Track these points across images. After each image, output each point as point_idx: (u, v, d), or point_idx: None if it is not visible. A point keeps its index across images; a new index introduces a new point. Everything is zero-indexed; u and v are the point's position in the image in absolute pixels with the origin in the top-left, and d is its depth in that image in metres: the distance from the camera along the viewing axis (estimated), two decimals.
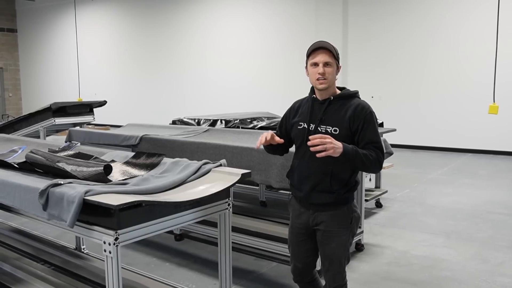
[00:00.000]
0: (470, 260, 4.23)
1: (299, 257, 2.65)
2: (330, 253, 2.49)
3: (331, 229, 2.46)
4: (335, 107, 2.45)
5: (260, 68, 13.30)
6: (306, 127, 2.49)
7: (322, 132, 2.43)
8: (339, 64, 2.47)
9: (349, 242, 2.54)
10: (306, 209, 2.53)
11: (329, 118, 2.44)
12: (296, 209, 2.60)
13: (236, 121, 6.00)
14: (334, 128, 2.42)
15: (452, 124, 10.47)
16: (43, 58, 19.13)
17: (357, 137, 2.41)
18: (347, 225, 2.48)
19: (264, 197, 5.92)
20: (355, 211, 2.53)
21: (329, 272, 2.54)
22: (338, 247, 2.48)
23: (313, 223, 2.52)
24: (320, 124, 2.45)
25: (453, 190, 6.94)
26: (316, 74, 2.40)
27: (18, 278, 3.34)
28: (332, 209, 2.46)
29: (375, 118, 2.44)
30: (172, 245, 4.64)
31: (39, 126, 6.96)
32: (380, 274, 3.92)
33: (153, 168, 2.89)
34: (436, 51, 10.52)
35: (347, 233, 2.50)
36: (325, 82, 2.41)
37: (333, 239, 2.47)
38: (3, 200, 2.59)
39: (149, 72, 15.81)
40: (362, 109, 2.42)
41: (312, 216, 2.51)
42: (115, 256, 2.16)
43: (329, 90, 2.46)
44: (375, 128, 2.41)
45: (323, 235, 2.49)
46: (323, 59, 2.39)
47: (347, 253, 2.54)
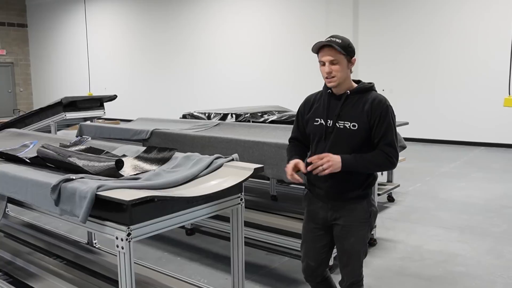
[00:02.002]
0: (485, 255, 4.17)
1: (313, 255, 2.60)
2: (349, 248, 2.46)
3: (351, 223, 2.43)
4: (353, 102, 2.39)
5: (270, 62, 13.23)
6: (324, 123, 2.43)
7: (340, 127, 2.38)
8: (353, 57, 2.38)
9: (367, 237, 2.52)
10: (325, 204, 2.49)
11: (347, 113, 2.39)
12: (312, 204, 2.56)
13: (246, 115, 5.97)
14: (353, 124, 2.36)
15: (465, 117, 10.35)
16: (53, 53, 19.22)
17: (373, 132, 2.36)
18: (366, 219, 2.45)
19: (275, 191, 5.89)
20: (373, 205, 2.50)
21: (348, 267, 2.50)
22: (357, 241, 2.45)
23: (331, 218, 2.48)
24: (338, 120, 2.39)
25: (466, 184, 6.86)
26: (324, 72, 2.36)
27: (31, 272, 3.35)
28: (351, 203, 2.43)
29: (391, 112, 2.37)
30: (184, 239, 4.64)
31: (50, 121, 6.99)
32: (393, 269, 3.88)
33: (165, 162, 2.87)
34: (449, 43, 10.38)
35: (366, 227, 2.46)
36: (333, 80, 2.36)
37: (352, 234, 2.44)
38: (15, 195, 2.58)
39: (159, 66, 15.81)
40: (379, 103, 2.36)
41: (330, 211, 2.47)
42: (127, 252, 2.15)
43: (343, 85, 2.40)
44: (389, 123, 2.35)
45: (341, 229, 2.46)
46: (327, 58, 2.33)
47: (365, 247, 2.52)
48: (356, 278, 2.51)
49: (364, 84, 2.45)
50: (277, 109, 6.47)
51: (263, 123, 5.60)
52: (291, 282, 3.64)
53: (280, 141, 3.77)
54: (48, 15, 19.16)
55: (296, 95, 12.58)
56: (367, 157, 2.33)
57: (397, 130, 4.75)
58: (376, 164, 2.34)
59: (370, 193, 2.48)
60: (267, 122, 5.62)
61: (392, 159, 2.34)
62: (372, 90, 2.44)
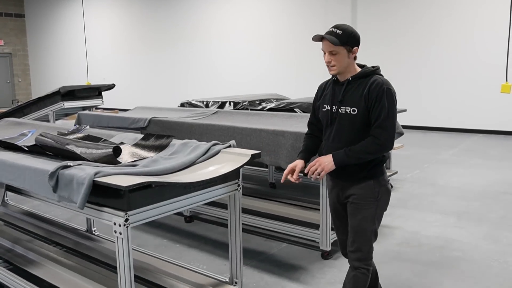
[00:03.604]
0: (482, 240, 4.20)
1: (341, 229, 2.71)
2: (356, 225, 2.51)
3: (358, 201, 2.50)
4: (354, 87, 2.45)
5: (269, 50, 13.19)
6: (329, 109, 2.53)
7: (342, 113, 2.46)
8: (354, 46, 2.42)
9: (377, 217, 2.53)
10: (337, 185, 2.60)
11: (348, 99, 2.45)
12: (329, 185, 2.68)
13: (244, 103, 5.97)
14: (353, 109, 2.42)
15: (463, 104, 10.35)
16: (51, 43, 19.14)
17: (370, 115, 2.40)
18: (374, 199, 2.49)
19: (273, 179, 5.91)
20: (384, 185, 2.52)
21: (354, 245, 2.53)
22: (364, 219, 2.49)
23: (343, 197, 2.58)
24: (340, 106, 2.47)
25: (464, 170, 6.88)
26: (326, 61, 2.45)
27: (31, 259, 3.38)
28: (359, 183, 2.49)
29: (388, 95, 2.37)
30: (182, 227, 4.67)
31: (48, 110, 6.99)
32: (390, 254, 3.91)
33: (162, 149, 2.89)
34: (448, 30, 10.35)
35: (373, 206, 2.50)
36: (333, 69, 2.44)
37: (359, 212, 2.50)
38: (13, 182, 2.60)
39: (157, 55, 15.76)
40: (376, 86, 2.38)
41: (341, 190, 2.58)
42: (125, 237, 2.16)
43: (347, 72, 2.47)
44: (383, 105, 2.35)
45: (350, 207, 2.54)
46: (326, 48, 2.42)
47: (374, 227, 2.53)
48: (361, 256, 2.52)
49: (367, 68, 2.49)
50: (275, 97, 6.47)
51: (261, 110, 5.60)
52: (289, 268, 3.67)
53: (278, 128, 3.78)
54: (45, 5, 19.05)
55: (294, 83, 12.60)
56: (357, 148, 2.38)
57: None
58: (367, 152, 2.38)
59: (378, 174, 2.51)
60: (265, 109, 5.62)
61: (380, 141, 2.35)
62: (374, 73, 2.47)
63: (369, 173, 2.48)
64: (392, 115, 2.38)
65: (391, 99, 2.39)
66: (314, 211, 4.30)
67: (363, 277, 2.52)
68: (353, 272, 2.54)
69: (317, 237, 3.81)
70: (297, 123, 4.24)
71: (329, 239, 3.75)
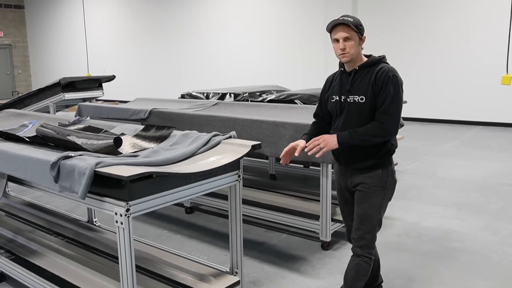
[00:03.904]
0: (481, 231, 4.22)
1: (348, 216, 2.75)
2: (362, 212, 2.55)
3: (366, 190, 2.54)
4: (361, 76, 2.50)
5: (269, 42, 13.15)
6: (338, 99, 2.58)
7: (351, 102, 2.50)
8: (363, 34, 2.50)
9: (383, 206, 2.58)
10: (346, 173, 2.63)
11: (356, 88, 2.50)
12: (337, 172, 2.71)
13: (245, 94, 5.97)
14: (361, 97, 2.48)
15: (463, 96, 10.34)
16: (51, 34, 19.09)
17: (377, 102, 2.44)
18: (382, 188, 2.53)
19: (273, 170, 5.93)
20: (391, 175, 2.57)
21: (358, 231, 2.56)
22: (371, 207, 2.53)
23: (351, 185, 2.62)
24: (349, 95, 2.52)
25: (464, 162, 6.89)
26: (338, 49, 2.47)
27: (32, 250, 3.40)
28: (367, 172, 2.53)
29: (393, 82, 2.42)
30: (183, 218, 4.69)
31: (49, 101, 6.99)
32: (390, 245, 3.93)
33: (163, 140, 2.89)
34: (448, 21, 10.31)
35: (381, 195, 2.54)
36: (347, 56, 2.47)
37: (366, 200, 2.54)
38: (15, 173, 2.61)
39: (157, 46, 15.72)
40: (382, 73, 2.44)
41: (350, 178, 2.61)
42: (126, 227, 2.18)
43: (355, 61, 2.51)
44: (389, 92, 2.40)
45: (358, 195, 2.58)
46: (342, 35, 2.44)
47: (380, 216, 2.58)
48: (364, 244, 2.55)
49: (373, 57, 2.54)
50: (276, 89, 6.47)
51: (262, 102, 5.60)
52: (289, 258, 3.70)
53: (278, 120, 3.78)
54: None
55: (294, 75, 12.57)
56: (361, 130, 2.42)
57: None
58: (370, 135, 2.41)
59: (386, 163, 2.55)
60: (266, 101, 5.62)
61: (384, 125, 2.40)
62: (381, 62, 2.51)
63: (378, 162, 2.52)
64: (397, 101, 2.42)
65: (397, 86, 2.43)
66: (314, 202, 4.31)
67: (365, 265, 2.56)
68: (355, 261, 2.58)
69: (317, 228, 3.83)
70: (298, 114, 4.24)
71: (329, 230, 3.77)
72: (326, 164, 3.64)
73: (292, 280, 3.32)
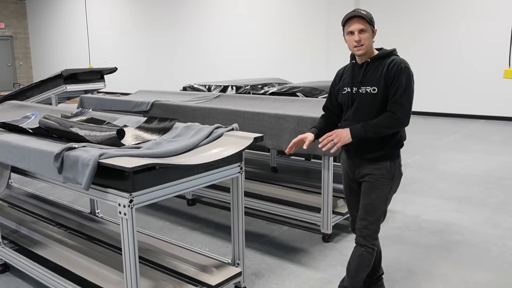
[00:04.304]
0: (481, 224, 4.24)
1: (354, 206, 2.77)
2: (368, 203, 2.58)
3: (374, 181, 2.57)
4: (373, 68, 2.53)
5: (271, 34, 13.12)
6: (350, 90, 2.60)
7: (362, 93, 2.53)
8: (375, 28, 2.55)
9: (389, 198, 2.61)
10: (354, 162, 2.65)
11: (368, 79, 2.53)
12: (345, 162, 2.73)
13: (247, 87, 5.97)
14: (373, 88, 2.51)
15: (465, 90, 10.33)
16: (52, 26, 19.05)
17: (389, 93, 2.47)
18: (389, 179, 2.57)
19: (275, 163, 5.94)
20: (399, 168, 2.61)
21: (363, 222, 2.59)
22: (377, 198, 2.56)
23: (359, 176, 2.64)
24: (361, 86, 2.55)
25: (465, 156, 6.90)
26: (353, 41, 2.50)
27: (35, 240, 3.43)
28: (376, 162, 2.56)
29: (405, 73, 2.46)
30: (185, 210, 4.71)
31: (51, 93, 6.99)
32: (390, 238, 3.95)
33: (166, 132, 2.91)
34: (449, 14, 10.27)
35: (388, 187, 2.57)
36: (362, 48, 2.50)
37: (374, 191, 2.57)
38: (19, 164, 2.63)
39: (159, 39, 15.69)
40: (394, 64, 2.48)
41: (358, 168, 2.63)
42: (130, 218, 2.20)
43: (367, 54, 2.55)
44: (401, 83, 2.44)
45: (365, 185, 2.60)
46: (357, 27, 2.48)
47: (385, 208, 2.61)
48: (367, 234, 2.58)
49: (385, 50, 2.57)
50: (278, 81, 6.46)
51: (263, 95, 5.61)
52: (290, 250, 3.72)
53: (280, 112, 3.79)
54: None
55: (296, 67, 12.55)
56: (374, 122, 2.45)
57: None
58: (383, 126, 2.44)
59: (395, 156, 2.59)
60: (268, 94, 5.62)
61: (397, 115, 2.43)
62: (392, 54, 2.55)
63: (387, 153, 2.55)
64: (408, 92, 2.45)
65: (409, 77, 2.46)
66: (315, 195, 4.33)
67: (368, 256, 2.59)
68: (358, 251, 2.61)
69: (318, 220, 3.84)
70: (299, 107, 4.24)
71: (330, 222, 3.79)
72: (327, 157, 3.66)
73: (293, 272, 3.35)
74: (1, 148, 2.75)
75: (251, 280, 3.21)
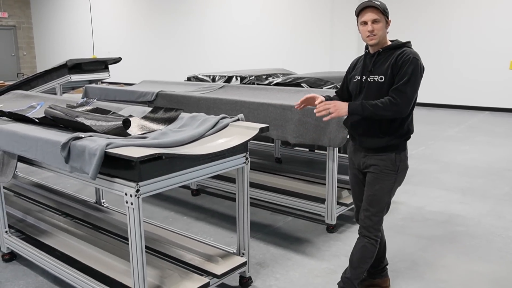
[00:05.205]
0: (485, 216, 4.24)
1: (359, 196, 2.77)
2: (372, 194, 2.58)
3: (378, 172, 2.57)
4: (384, 58, 2.53)
5: (275, 24, 13.06)
6: (359, 79, 2.61)
7: (371, 81, 2.54)
8: (389, 18, 2.54)
9: (393, 190, 2.61)
10: (359, 152, 2.66)
11: (377, 68, 2.54)
12: (351, 152, 2.74)
13: (251, 77, 5.96)
14: (380, 77, 2.51)
15: (470, 81, 10.28)
16: (56, 15, 19.00)
17: (395, 81, 2.47)
18: (394, 171, 2.57)
19: (279, 154, 5.95)
20: (404, 161, 2.60)
21: (366, 212, 2.60)
22: (381, 189, 2.57)
23: (363, 166, 2.64)
24: (370, 75, 2.55)
25: (469, 147, 6.89)
26: (366, 32, 2.51)
27: (42, 229, 3.45)
28: (380, 153, 2.56)
29: (415, 64, 2.43)
30: (189, 200, 4.73)
31: (55, 83, 7.00)
32: (394, 229, 3.96)
33: (171, 122, 2.91)
34: (455, 6, 10.19)
35: (392, 179, 2.57)
36: (375, 38, 2.51)
37: (378, 182, 2.57)
38: (26, 153, 2.64)
39: (163, 29, 15.64)
40: (403, 55, 2.47)
41: (363, 159, 2.64)
42: (136, 208, 2.21)
43: (380, 44, 2.55)
44: (405, 72, 2.42)
45: (370, 176, 2.61)
46: (370, 17, 2.48)
47: (388, 199, 2.61)
48: (370, 225, 2.59)
49: (398, 41, 2.57)
50: (282, 72, 6.45)
51: (268, 85, 5.60)
52: (294, 241, 3.73)
53: (285, 103, 3.79)
54: None
55: (301, 58, 12.50)
56: (373, 102, 2.45)
57: None
58: (382, 108, 2.41)
59: (401, 147, 2.58)
60: (272, 84, 5.61)
61: (396, 101, 2.40)
62: (405, 46, 2.54)
63: (393, 144, 2.54)
64: (413, 82, 2.43)
65: (416, 69, 2.44)
66: (320, 186, 4.34)
67: (371, 247, 2.60)
68: (361, 242, 2.62)
69: (323, 211, 3.86)
70: None
71: (335, 213, 3.80)
72: (332, 148, 3.66)
73: (297, 262, 3.37)
74: (7, 138, 2.76)
75: (256, 270, 3.23)
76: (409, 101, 2.43)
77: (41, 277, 3.15)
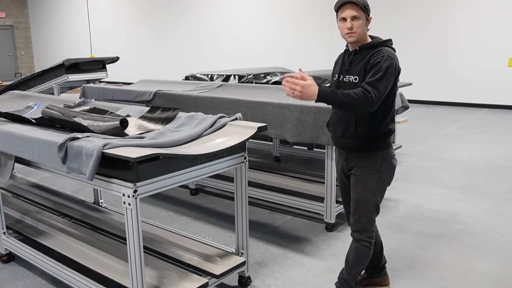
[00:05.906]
0: (484, 213, 4.24)
1: (347, 200, 2.74)
2: (357, 196, 2.54)
3: (360, 173, 2.53)
4: (360, 57, 2.46)
5: (273, 23, 13.04)
6: (338, 78, 2.56)
7: (346, 82, 2.47)
8: (369, 15, 2.46)
9: (379, 190, 2.54)
10: (342, 155, 2.63)
11: (353, 68, 2.47)
12: (336, 155, 2.71)
13: (249, 76, 5.95)
14: (355, 77, 2.44)
15: (468, 79, 10.27)
16: (53, 15, 18.96)
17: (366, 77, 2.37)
18: (376, 171, 2.49)
19: (278, 153, 5.94)
20: (387, 160, 2.51)
21: (354, 216, 2.56)
22: (365, 191, 2.51)
23: (347, 168, 2.61)
24: (346, 75, 2.49)
25: (468, 145, 6.89)
26: (345, 29, 2.43)
27: (40, 230, 3.44)
28: (361, 154, 2.52)
29: (389, 62, 2.33)
30: (188, 199, 4.72)
31: (53, 83, 6.99)
32: (394, 227, 3.96)
33: (169, 122, 2.90)
34: (452, 2, 10.18)
35: (375, 179, 2.50)
36: (353, 35, 2.43)
37: (360, 183, 2.52)
38: (23, 154, 2.63)
39: (160, 28, 15.61)
40: (377, 54, 2.38)
41: (345, 161, 2.60)
42: (134, 208, 2.20)
43: (360, 41, 2.47)
44: (379, 69, 2.31)
45: (353, 178, 2.57)
46: (350, 13, 2.40)
47: (375, 200, 2.54)
48: (360, 228, 2.55)
49: (376, 40, 2.48)
50: (280, 70, 6.44)
51: (266, 84, 5.59)
52: (293, 240, 3.73)
53: (283, 102, 3.78)
54: None
55: (299, 56, 12.49)
56: (344, 91, 2.30)
57: (400, 91, 4.74)
58: (352, 98, 2.25)
59: (383, 147, 2.49)
60: (270, 83, 5.60)
61: (370, 95, 2.26)
62: (384, 45, 2.45)
63: (373, 144, 2.48)
64: (386, 80, 2.32)
65: (390, 67, 2.33)
66: (318, 184, 4.33)
67: (364, 249, 2.57)
68: (355, 245, 2.59)
69: (322, 209, 3.85)
70: None
71: (334, 211, 3.79)
72: (331, 146, 3.65)
73: (296, 261, 3.36)
74: (4, 138, 2.75)
75: (255, 269, 3.23)
76: (379, 98, 2.29)
77: (39, 278, 3.14)
